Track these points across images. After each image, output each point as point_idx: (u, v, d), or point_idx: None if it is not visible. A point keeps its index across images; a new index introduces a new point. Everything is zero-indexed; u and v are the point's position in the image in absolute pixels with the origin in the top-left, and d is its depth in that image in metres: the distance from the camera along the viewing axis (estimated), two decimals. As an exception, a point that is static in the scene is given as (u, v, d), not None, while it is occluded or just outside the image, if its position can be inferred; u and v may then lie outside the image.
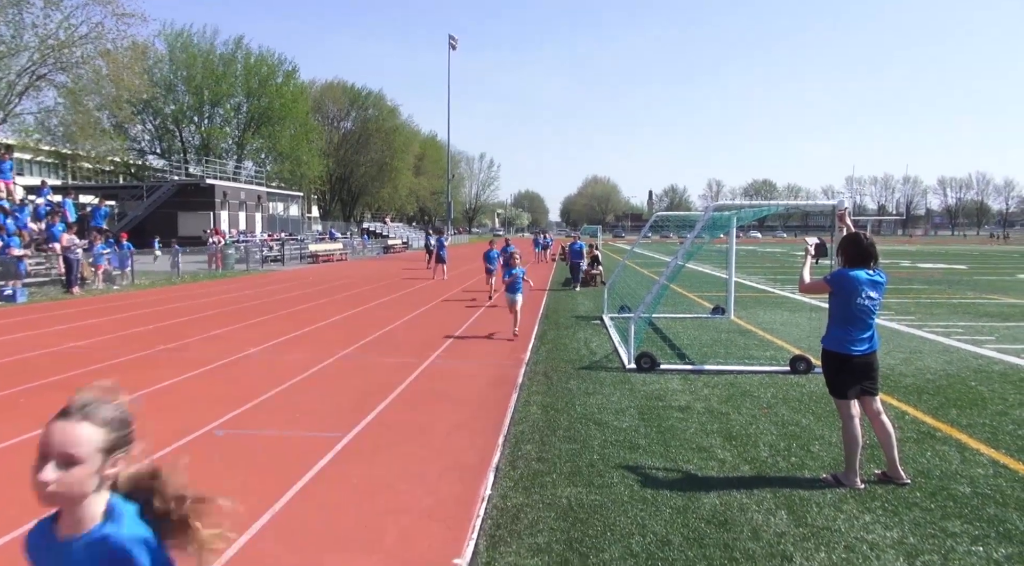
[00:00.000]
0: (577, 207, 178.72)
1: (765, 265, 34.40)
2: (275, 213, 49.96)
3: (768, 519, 4.23)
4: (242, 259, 30.92)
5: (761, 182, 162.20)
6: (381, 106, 77.56)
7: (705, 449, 5.58)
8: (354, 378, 8.32)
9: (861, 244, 4.90)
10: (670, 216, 22.26)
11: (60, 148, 34.42)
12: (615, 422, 6.36)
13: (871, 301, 4.78)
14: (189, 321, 13.39)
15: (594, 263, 22.98)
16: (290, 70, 59.15)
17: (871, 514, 4.32)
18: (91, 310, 15.19)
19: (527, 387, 7.81)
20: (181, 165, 48.74)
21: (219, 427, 6.21)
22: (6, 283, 17.48)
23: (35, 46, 28.46)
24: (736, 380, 8.08)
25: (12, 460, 5.37)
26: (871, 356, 4.83)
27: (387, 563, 3.71)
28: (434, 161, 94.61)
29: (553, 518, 4.26)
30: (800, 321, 13.32)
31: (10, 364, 9.11)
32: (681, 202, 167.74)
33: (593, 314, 14.43)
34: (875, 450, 5.21)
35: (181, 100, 53.39)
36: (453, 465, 5.23)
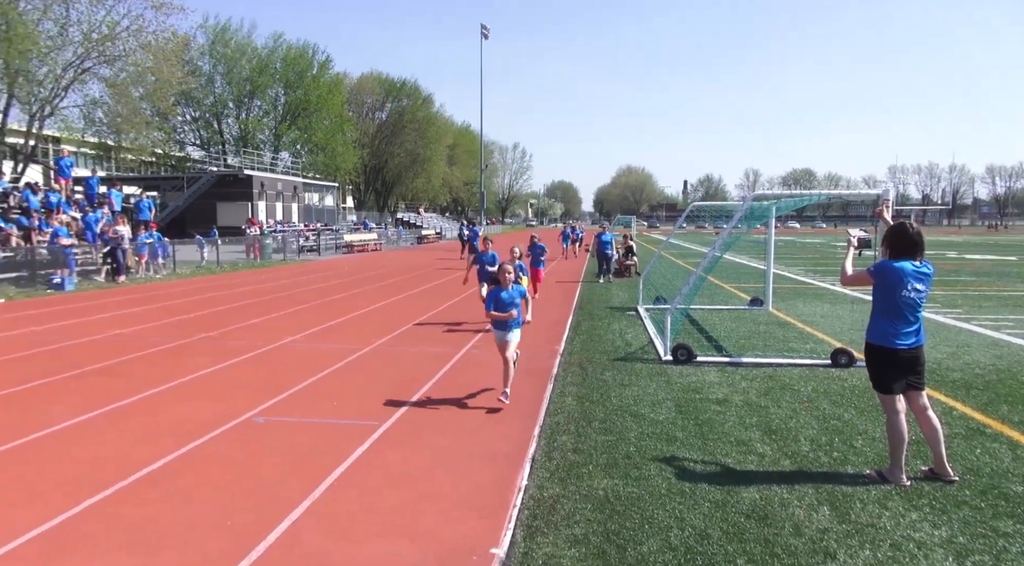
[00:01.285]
0: (611, 197, 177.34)
1: (804, 256, 33.74)
2: (311, 203, 50.58)
3: (810, 515, 4.15)
4: (279, 249, 31.40)
5: (800, 171, 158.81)
6: (415, 95, 77.83)
7: (744, 443, 5.50)
8: (390, 367, 8.39)
9: (907, 234, 4.75)
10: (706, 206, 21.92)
11: (105, 139, 35.28)
12: (651, 414, 6.30)
13: (917, 293, 4.63)
14: (228, 310, 13.65)
15: (628, 254, 22.81)
16: (323, 60, 59.70)
17: (918, 512, 4.20)
18: (134, 299, 15.58)
19: (562, 378, 7.78)
20: (220, 156, 49.60)
21: (259, 414, 6.31)
22: (55, 272, 18.03)
23: (80, 40, 29.17)
24: (775, 373, 7.94)
25: (65, 441, 5.53)
26: (917, 350, 4.69)
27: (425, 551, 3.73)
28: (467, 151, 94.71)
29: (590, 510, 4.24)
30: (841, 313, 13.04)
31: (60, 350, 9.39)
32: (717, 192, 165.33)
33: (628, 305, 14.32)
34: (921, 446, 5.07)
35: (220, 92, 54.31)
36: (489, 455, 5.23)
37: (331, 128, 59.04)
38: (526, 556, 3.68)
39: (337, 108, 60.44)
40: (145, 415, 6.31)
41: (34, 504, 4.28)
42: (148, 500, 4.39)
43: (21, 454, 5.26)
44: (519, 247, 11.27)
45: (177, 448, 5.34)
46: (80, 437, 5.68)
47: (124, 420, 6.16)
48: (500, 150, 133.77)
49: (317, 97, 57.12)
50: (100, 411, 6.39)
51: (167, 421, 6.10)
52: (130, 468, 4.89)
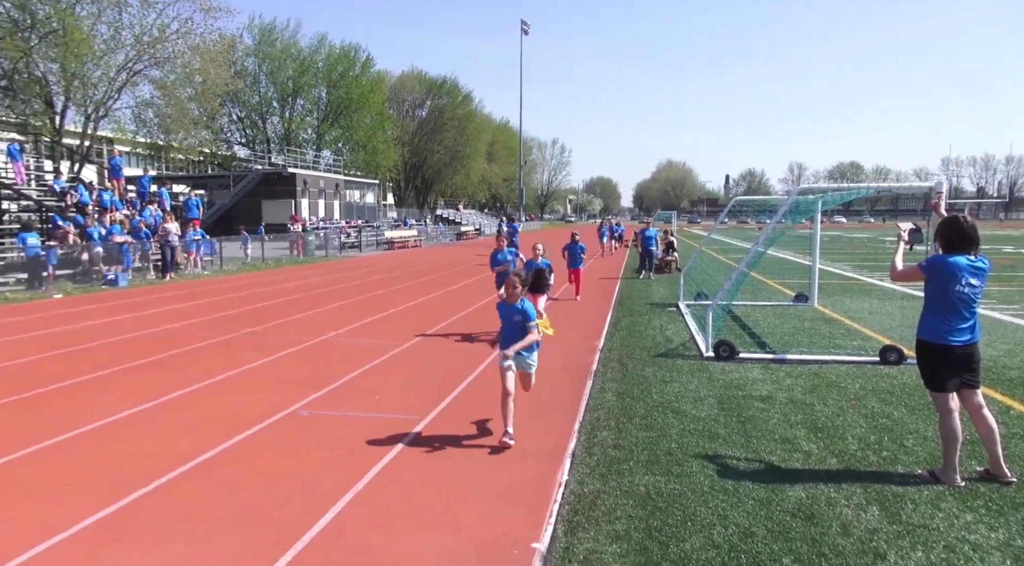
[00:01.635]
0: (650, 192, 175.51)
1: (851, 251, 32.89)
2: (352, 201, 51.28)
3: (858, 514, 4.05)
4: (321, 246, 31.93)
5: (847, 165, 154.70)
6: (455, 93, 78.25)
7: (789, 440, 5.39)
8: (430, 362, 8.46)
9: (961, 228, 4.58)
10: (748, 201, 21.46)
11: (155, 140, 36.34)
12: (693, 411, 6.23)
13: (972, 289, 4.48)
14: (273, 305, 13.94)
15: (669, 249, 22.55)
16: (365, 59, 60.46)
17: (973, 513, 4.07)
18: (183, 294, 16.03)
19: (602, 374, 7.74)
20: (265, 155, 50.63)
21: (303, 408, 6.43)
22: (109, 268, 18.66)
23: (131, 43, 30.08)
24: (821, 370, 7.77)
25: (118, 432, 5.72)
26: (972, 347, 4.54)
27: (466, 544, 3.76)
28: (506, 147, 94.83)
29: (631, 506, 4.21)
30: (890, 309, 12.68)
31: (115, 344, 9.72)
32: (760, 186, 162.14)
33: (668, 301, 14.17)
34: (976, 446, 4.90)
35: (265, 92, 55.44)
36: (529, 450, 5.24)
37: (372, 126, 59.77)
38: (567, 551, 3.67)
39: (378, 106, 61.15)
40: (195, 407, 6.49)
41: (89, 493, 4.44)
42: (198, 489, 4.51)
43: (77, 444, 5.46)
44: (542, 244, 10.83)
45: (225, 440, 5.48)
46: (133, 428, 5.87)
47: (175, 412, 6.34)
48: (539, 146, 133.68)
49: (359, 96, 57.89)
50: (152, 403, 6.60)
51: (215, 413, 6.27)
52: (181, 459, 5.03)
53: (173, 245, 20.30)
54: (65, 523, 3.98)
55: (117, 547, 3.71)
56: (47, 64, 28.16)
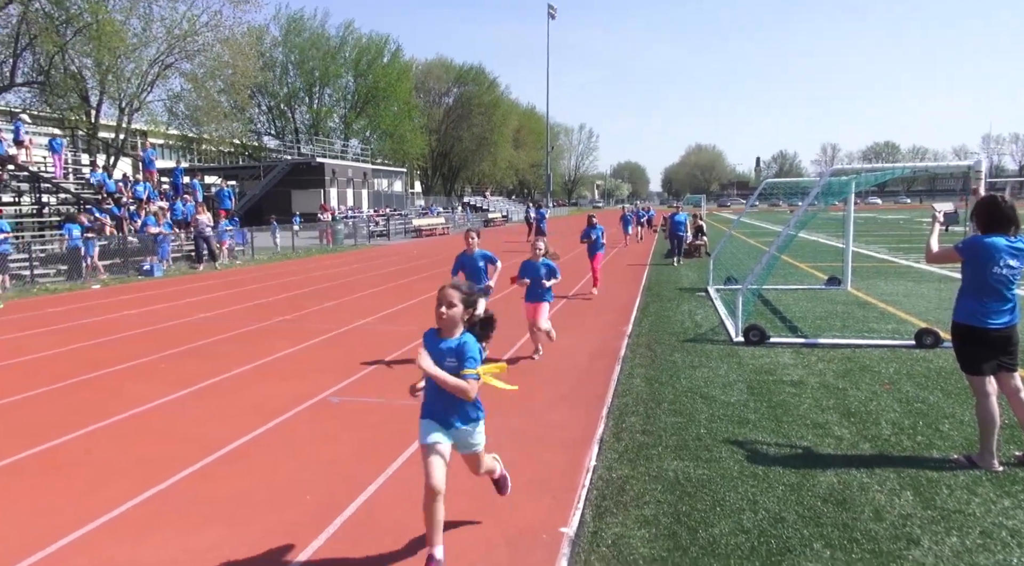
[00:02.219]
0: (679, 176, 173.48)
1: (886, 233, 32.20)
2: (380, 189, 51.57)
3: (892, 500, 4.00)
4: (350, 235, 32.23)
5: (883, 145, 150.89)
6: (481, 80, 78.02)
7: (820, 425, 5.33)
8: (459, 349, 8.51)
9: (999, 208, 4.46)
10: (780, 183, 21.09)
11: (187, 132, 36.94)
12: (722, 396, 6.18)
13: (1010, 270, 4.36)
14: (304, 294, 14.13)
15: (698, 234, 22.31)
16: (395, 50, 60.61)
17: (1011, 499, 3.99)
18: (217, 284, 16.33)
19: (630, 359, 7.72)
20: (294, 145, 51.14)
21: (334, 394, 6.53)
22: (145, 259, 19.08)
23: (163, 37, 30.56)
24: (854, 354, 7.65)
25: (156, 419, 5.88)
26: (1010, 330, 4.43)
27: (496, 529, 3.80)
28: (533, 133, 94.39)
29: (660, 491, 4.21)
30: (926, 292, 12.41)
31: (152, 333, 9.96)
32: (791, 168, 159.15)
33: (697, 286, 14.04)
34: (1015, 430, 4.80)
35: (293, 82, 55.89)
36: (557, 436, 5.26)
37: (399, 115, 59.94)
38: (595, 535, 3.69)
39: (405, 95, 61.27)
40: (229, 394, 6.63)
41: (127, 478, 4.58)
42: (233, 474, 4.62)
43: (115, 431, 5.62)
44: (544, 242, 8.39)
45: (259, 426, 5.60)
46: (169, 415, 6.03)
47: (209, 399, 6.49)
48: (566, 132, 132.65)
49: (386, 85, 58.05)
50: (187, 390, 6.76)
51: (249, 400, 6.40)
52: (216, 444, 5.16)
53: (207, 235, 20.67)
54: (106, 507, 4.11)
55: (157, 530, 3.83)
56: (82, 59, 28.75)
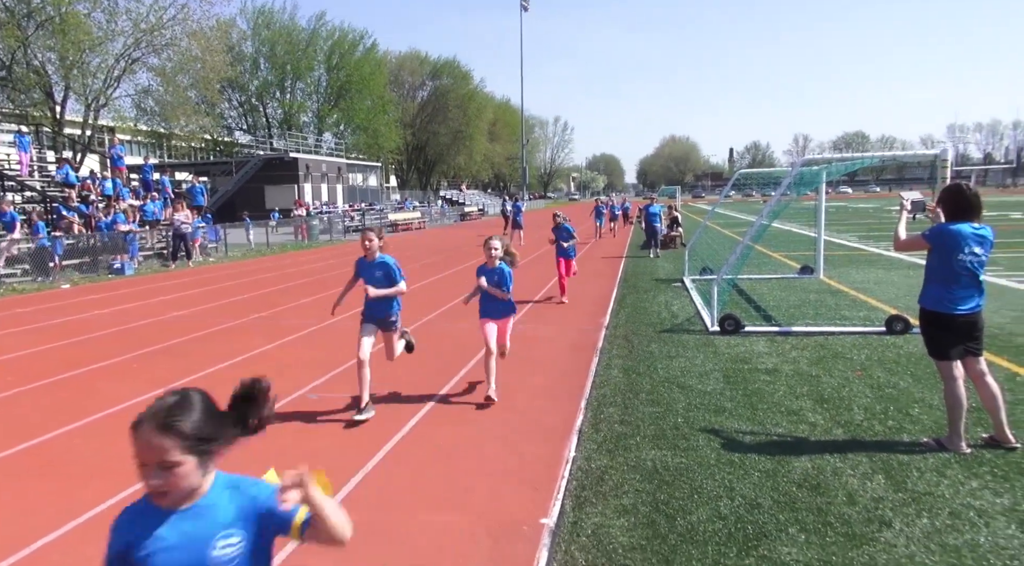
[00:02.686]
0: (654, 168, 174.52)
1: (857, 221, 32.72)
2: (355, 184, 51.19)
3: (864, 484, 4.09)
4: (326, 230, 31.95)
5: (852, 134, 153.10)
6: (455, 73, 77.67)
7: (794, 412, 5.42)
8: (438, 343, 8.50)
9: (964, 195, 4.57)
10: (753, 173, 21.32)
11: (156, 128, 36.30)
12: (699, 385, 6.26)
13: (975, 257, 4.46)
14: (279, 290, 13.99)
15: (674, 225, 22.48)
16: (370, 45, 60.11)
17: (978, 479, 4.10)
18: (190, 282, 16.10)
19: (608, 351, 7.77)
20: (266, 140, 50.55)
21: (312, 391, 6.49)
22: (115, 257, 18.74)
23: (129, 31, 29.92)
24: (827, 342, 7.78)
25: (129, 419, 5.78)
26: (975, 315, 4.54)
27: (476, 522, 3.81)
28: (508, 126, 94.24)
29: (638, 480, 4.26)
30: (896, 279, 12.65)
31: (125, 332, 9.80)
32: (764, 159, 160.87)
33: (673, 277, 14.16)
34: (981, 413, 4.92)
35: (264, 76, 55.15)
36: (536, 427, 5.29)
37: (373, 109, 59.48)
38: (575, 526, 3.72)
39: (379, 89, 60.81)
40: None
41: (106, 477, 4.51)
42: (211, 473, 4.57)
43: (92, 430, 5.54)
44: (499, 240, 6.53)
45: (236, 424, 5.54)
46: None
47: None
48: (541, 124, 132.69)
49: (359, 78, 57.54)
50: (162, 389, 6.66)
51: (225, 397, 6.31)
52: (193, 443, 5.10)
53: (183, 233, 20.32)
54: (85, 507, 4.06)
55: (133, 531, 3.78)
56: (45, 54, 28.07)
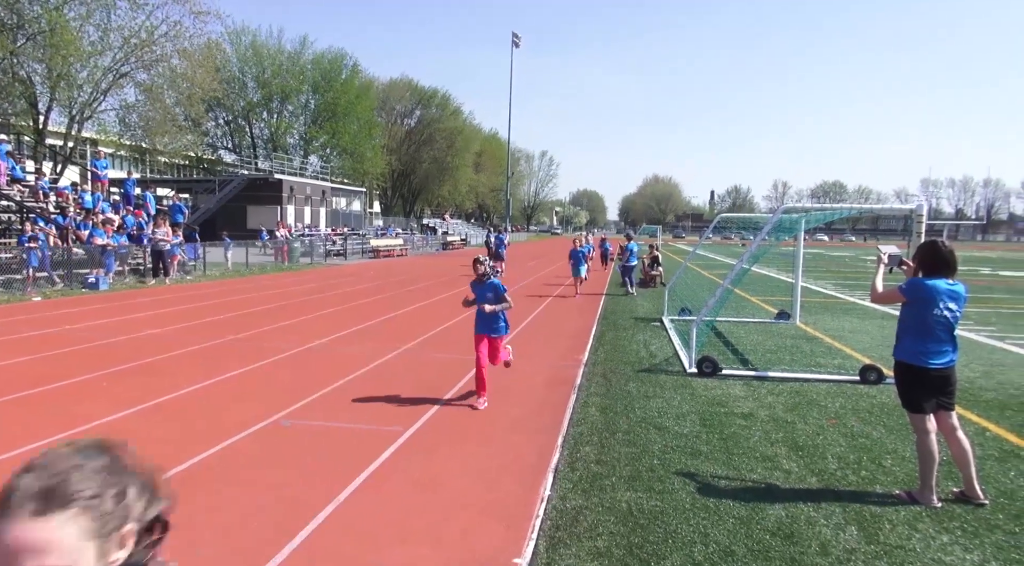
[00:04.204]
0: (636, 206, 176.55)
1: (833, 270, 33.27)
2: (338, 208, 51.12)
3: (837, 534, 4.09)
4: (307, 253, 31.77)
5: (831, 184, 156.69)
6: (445, 104, 78.44)
7: (770, 458, 5.44)
8: (415, 373, 8.44)
9: (939, 252, 4.68)
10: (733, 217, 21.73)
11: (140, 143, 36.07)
12: (675, 427, 6.26)
13: (951, 312, 4.56)
14: (257, 312, 13.84)
15: (654, 264, 22.69)
16: (353, 66, 60.51)
17: (949, 534, 4.13)
18: (166, 299, 15.87)
19: (585, 388, 7.77)
20: (251, 160, 50.43)
21: (285, 417, 6.39)
22: (90, 271, 18.44)
23: (119, 46, 29.88)
24: (802, 388, 7.85)
25: (95, 441, 5.65)
26: (949, 370, 4.62)
27: (448, 559, 3.75)
28: (494, 158, 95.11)
29: (613, 522, 4.23)
30: (870, 329, 12.84)
31: (95, 349, 9.60)
32: (745, 203, 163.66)
33: (653, 316, 14.25)
34: (953, 467, 4.97)
35: (251, 96, 55.20)
36: (512, 464, 5.25)
37: (359, 132, 59.68)
38: (548, 567, 3.68)
39: (366, 113, 61.11)
40: (176, 414, 6.43)
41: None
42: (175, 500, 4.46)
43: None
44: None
45: (206, 449, 5.43)
46: (113, 434, 5.79)
47: (155, 419, 6.28)
48: (527, 158, 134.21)
49: (346, 102, 57.82)
50: (132, 409, 6.52)
51: (196, 421, 6.21)
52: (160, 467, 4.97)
53: (162, 250, 20.07)
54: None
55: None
56: (32, 65, 27.90)
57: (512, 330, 12.13)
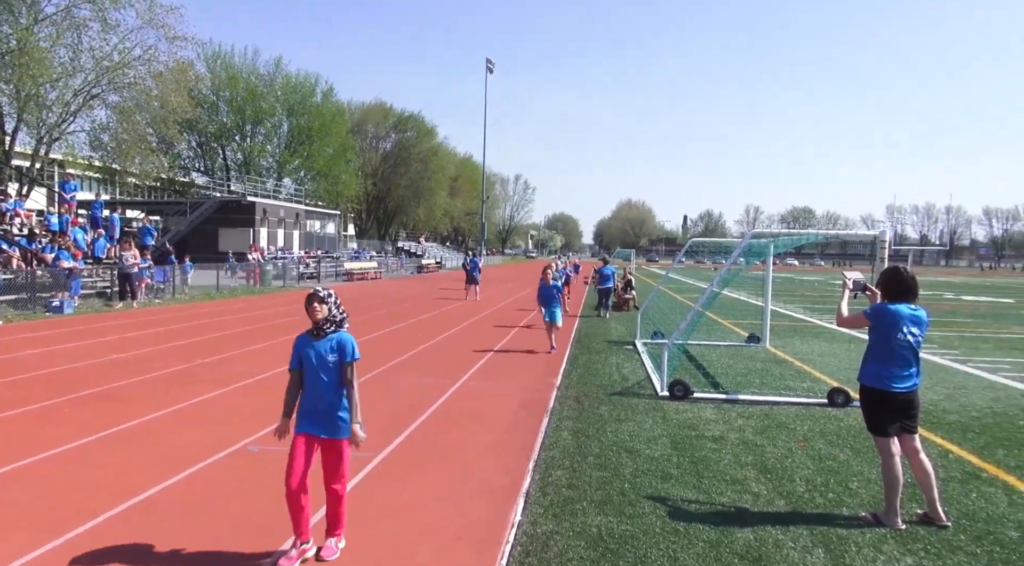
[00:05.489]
0: (611, 230, 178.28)
1: (802, 294, 33.82)
2: (312, 231, 50.82)
3: (804, 557, 4.13)
4: (279, 276, 31.46)
5: (800, 209, 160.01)
6: (420, 128, 78.76)
7: (739, 481, 5.48)
8: (387, 397, 8.38)
9: (902, 278, 4.81)
10: (705, 242, 22.09)
11: (110, 164, 35.56)
12: (647, 450, 6.29)
13: (913, 337, 4.67)
14: (227, 336, 13.64)
15: (627, 287, 22.87)
16: (327, 89, 60.56)
17: (913, 556, 4.19)
18: (134, 323, 15.58)
19: (558, 411, 7.77)
20: (223, 182, 49.99)
21: (253, 443, 6.29)
22: (54, 295, 18.05)
23: (91, 67, 29.58)
24: (771, 411, 7.94)
25: (59, 466, 5.50)
26: (912, 393, 4.72)
27: (416, 586, 3.70)
28: (469, 181, 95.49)
29: (583, 547, 4.22)
30: (838, 352, 13.05)
31: (57, 374, 9.38)
32: (716, 227, 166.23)
33: (626, 339, 14.33)
34: (916, 489, 5.05)
35: (223, 119, 54.87)
36: (483, 488, 5.22)
37: (334, 156, 59.58)
38: (518, 593, 3.65)
39: (341, 137, 61.06)
40: (141, 441, 6.29)
41: (27, 529, 4.26)
42: (142, 528, 4.36)
43: (15, 478, 5.24)
44: None
45: (171, 476, 5.32)
46: (75, 462, 5.66)
47: (120, 445, 6.14)
48: (502, 182, 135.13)
49: (320, 125, 57.74)
50: (96, 436, 6.37)
51: (162, 447, 6.08)
52: (124, 495, 4.87)
53: (129, 273, 19.72)
54: (3, 560, 3.81)
55: (50, 590, 3.56)
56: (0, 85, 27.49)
57: (486, 353, 12.17)
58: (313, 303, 4.08)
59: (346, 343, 4.14)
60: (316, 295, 4.11)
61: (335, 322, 4.16)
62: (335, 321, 4.16)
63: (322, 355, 4.09)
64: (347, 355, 4.15)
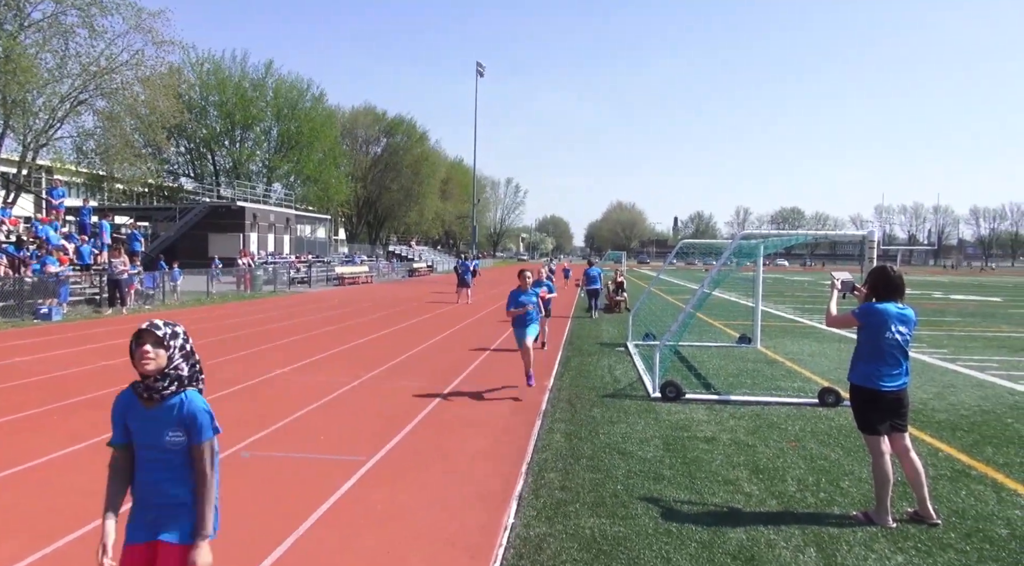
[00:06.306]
0: (602, 233, 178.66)
1: (793, 294, 33.99)
2: (303, 235, 50.68)
3: (796, 556, 4.15)
4: (270, 281, 31.35)
5: (789, 210, 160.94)
6: (411, 132, 78.69)
7: (731, 482, 5.50)
8: (378, 401, 8.36)
9: (889, 277, 4.85)
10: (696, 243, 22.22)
11: (97, 170, 35.35)
12: (639, 452, 6.30)
13: (901, 336, 4.70)
14: (217, 341, 13.58)
15: (619, 289, 22.93)
16: (318, 94, 60.44)
17: (904, 554, 4.21)
18: (123, 329, 15.48)
19: (550, 414, 7.77)
20: (213, 188, 49.80)
21: (245, 448, 6.26)
22: (42, 302, 17.91)
23: (78, 73, 29.42)
24: (763, 411, 7.97)
25: (47, 475, 5.46)
26: (902, 392, 4.75)
27: (409, 591, 3.70)
28: (460, 185, 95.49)
29: (576, 549, 4.22)
30: (828, 352, 13.12)
31: (45, 382, 9.30)
32: (707, 229, 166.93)
33: (617, 341, 14.36)
34: (906, 487, 5.08)
35: (213, 124, 54.66)
36: (476, 492, 5.21)
37: (324, 161, 59.45)
38: (512, 597, 3.65)
39: (330, 141, 60.94)
40: (130, 449, 6.25)
41: (18, 536, 4.22)
42: (130, 536, 4.33)
43: (6, 486, 5.19)
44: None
45: (161, 483, 5.28)
46: (65, 470, 5.62)
47: (108, 454, 6.08)
48: (492, 185, 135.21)
49: (310, 130, 57.62)
50: (86, 443, 6.32)
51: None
52: (113, 503, 4.82)
53: (119, 279, 19.60)
54: (-16, 574, 3.77)
55: (40, 600, 3.53)
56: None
57: (478, 356, 12.17)
58: (144, 344, 2.60)
59: (196, 413, 2.67)
60: (149, 332, 2.60)
61: (177, 380, 2.68)
62: (178, 377, 2.68)
63: (157, 431, 2.69)
64: (198, 433, 2.67)
